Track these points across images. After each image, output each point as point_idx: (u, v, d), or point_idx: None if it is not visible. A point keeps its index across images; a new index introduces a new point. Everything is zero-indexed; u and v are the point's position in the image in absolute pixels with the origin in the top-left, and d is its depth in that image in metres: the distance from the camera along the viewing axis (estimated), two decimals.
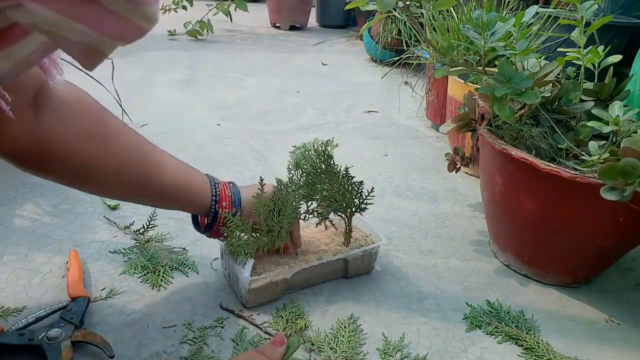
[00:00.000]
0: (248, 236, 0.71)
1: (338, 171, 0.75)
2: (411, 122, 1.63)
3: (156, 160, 0.65)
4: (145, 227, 0.90)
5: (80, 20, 0.27)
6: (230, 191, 0.71)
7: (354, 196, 0.76)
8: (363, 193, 0.77)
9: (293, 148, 0.79)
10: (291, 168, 0.77)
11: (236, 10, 2.67)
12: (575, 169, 0.71)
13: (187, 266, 0.81)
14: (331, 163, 0.75)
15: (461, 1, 1.38)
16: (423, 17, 1.39)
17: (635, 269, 0.91)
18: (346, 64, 2.41)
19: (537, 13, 1.11)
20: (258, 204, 0.71)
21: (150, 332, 0.68)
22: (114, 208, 0.97)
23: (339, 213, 0.78)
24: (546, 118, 0.81)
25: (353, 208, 0.77)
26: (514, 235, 0.85)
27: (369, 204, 0.78)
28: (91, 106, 0.59)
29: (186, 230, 0.91)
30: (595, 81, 0.86)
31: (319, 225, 0.80)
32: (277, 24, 3.28)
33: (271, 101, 1.75)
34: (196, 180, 0.69)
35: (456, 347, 0.69)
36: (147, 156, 0.64)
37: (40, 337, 0.62)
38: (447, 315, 0.75)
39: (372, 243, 0.81)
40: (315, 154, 0.75)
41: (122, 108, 1.22)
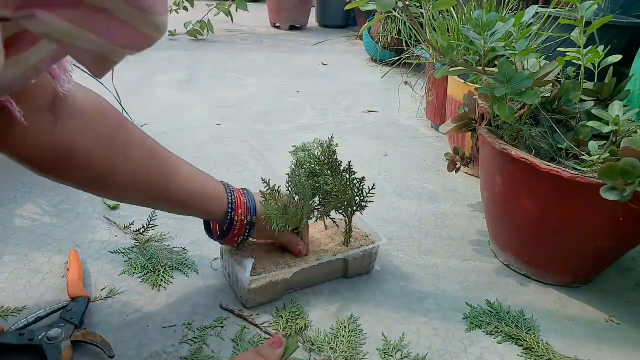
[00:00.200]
0: (282, 205, 0.71)
1: (340, 163, 0.75)
2: (411, 122, 1.63)
3: (173, 166, 0.65)
4: (145, 227, 0.90)
5: (92, 29, 0.27)
6: (245, 198, 0.72)
7: (355, 194, 0.76)
8: (364, 191, 0.77)
9: (293, 148, 0.79)
10: (295, 168, 0.76)
11: (237, 10, 2.67)
12: (575, 169, 0.71)
13: (187, 266, 0.81)
14: (334, 158, 0.75)
15: (461, 1, 1.38)
16: (423, 17, 1.39)
17: (635, 269, 0.91)
18: (346, 64, 2.41)
19: (537, 13, 1.11)
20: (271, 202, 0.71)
21: (150, 332, 0.68)
22: (114, 208, 0.97)
23: (340, 212, 0.78)
24: (546, 118, 0.81)
25: (354, 207, 0.77)
26: (514, 235, 0.85)
27: (370, 202, 0.78)
28: (110, 112, 0.60)
29: (186, 230, 0.91)
30: (595, 81, 0.86)
31: (318, 221, 0.79)
32: (277, 24, 3.28)
33: (271, 101, 1.75)
34: (212, 187, 0.70)
35: (456, 347, 0.69)
36: (166, 162, 0.64)
37: (40, 337, 0.62)
38: (447, 315, 0.75)
39: (372, 243, 0.81)
40: (320, 150, 0.75)
41: (123, 108, 1.22)
